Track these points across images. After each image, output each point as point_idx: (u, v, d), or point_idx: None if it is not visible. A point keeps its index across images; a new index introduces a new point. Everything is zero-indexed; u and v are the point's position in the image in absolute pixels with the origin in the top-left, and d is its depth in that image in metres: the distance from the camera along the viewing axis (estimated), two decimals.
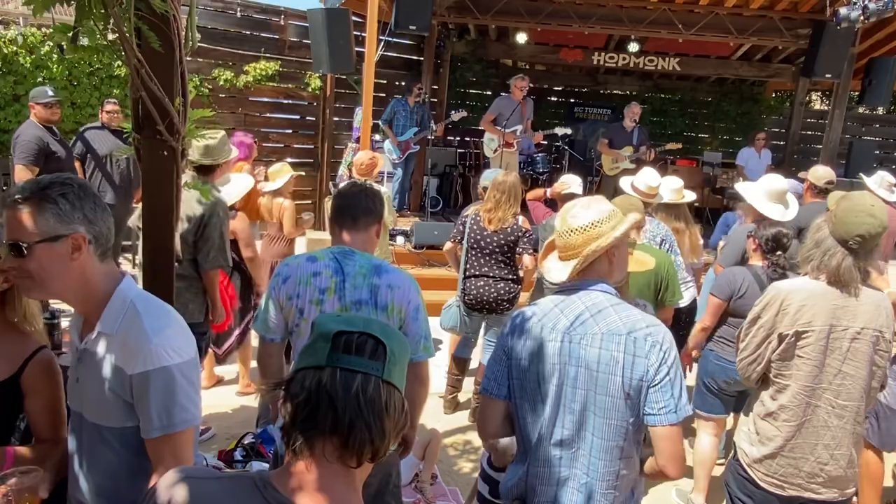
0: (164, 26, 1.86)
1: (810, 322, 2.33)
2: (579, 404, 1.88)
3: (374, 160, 5.15)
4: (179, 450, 1.55)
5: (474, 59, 10.56)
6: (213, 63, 8.46)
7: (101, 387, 1.54)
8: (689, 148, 10.77)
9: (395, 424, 1.05)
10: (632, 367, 1.80)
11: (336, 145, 9.43)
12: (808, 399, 2.36)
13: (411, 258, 7.15)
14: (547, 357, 1.90)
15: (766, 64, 10.57)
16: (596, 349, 1.84)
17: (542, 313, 1.95)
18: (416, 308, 2.28)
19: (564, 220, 1.97)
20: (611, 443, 1.86)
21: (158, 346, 1.51)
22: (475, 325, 4.52)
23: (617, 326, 1.85)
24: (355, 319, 1.08)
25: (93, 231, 1.52)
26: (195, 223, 3.46)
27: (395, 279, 2.25)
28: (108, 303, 1.56)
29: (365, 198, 2.37)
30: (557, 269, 2.00)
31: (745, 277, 3.43)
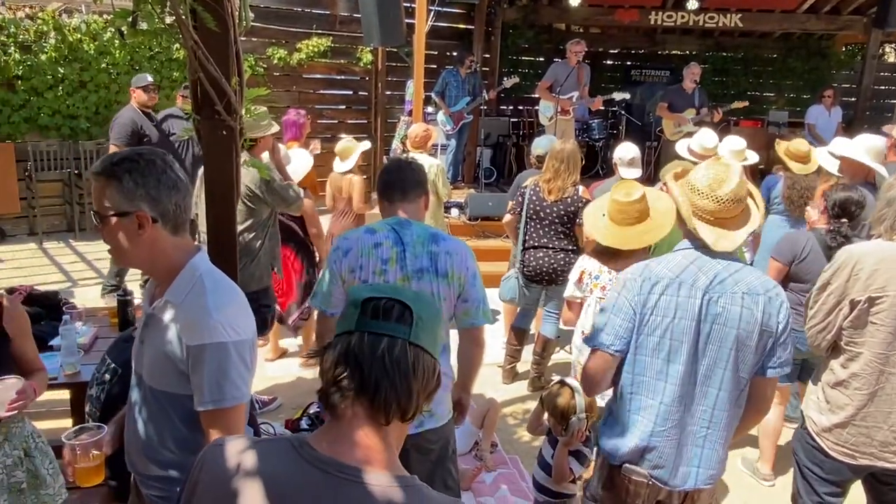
0: (219, 6, 1.89)
1: (884, 287, 2.23)
2: (710, 360, 1.96)
3: (428, 132, 5.14)
4: (229, 426, 1.60)
5: (526, 24, 10.32)
6: (266, 42, 8.56)
7: (161, 351, 1.62)
8: (754, 108, 10.30)
9: (425, 386, 1.07)
10: (767, 324, 1.94)
11: (389, 119, 9.45)
12: (882, 367, 2.28)
13: (466, 230, 7.14)
14: (686, 313, 1.95)
15: (836, 16, 9.97)
16: (738, 307, 1.93)
17: (678, 269, 1.99)
18: (474, 274, 2.32)
19: (721, 185, 1.97)
20: (734, 394, 1.98)
21: (218, 322, 1.56)
22: (534, 296, 4.49)
23: (755, 286, 1.96)
24: (385, 288, 1.11)
25: (158, 209, 1.58)
26: (254, 197, 3.62)
27: (453, 246, 2.30)
28: (179, 274, 1.63)
29: (410, 171, 2.44)
30: (714, 236, 1.98)
31: (809, 240, 3.29)
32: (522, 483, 3.54)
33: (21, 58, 7.18)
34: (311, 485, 1.01)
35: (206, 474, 1.09)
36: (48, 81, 7.36)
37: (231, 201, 2.14)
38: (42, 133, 7.49)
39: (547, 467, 2.85)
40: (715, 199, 1.96)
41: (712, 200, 1.96)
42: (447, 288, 2.26)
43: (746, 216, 2.03)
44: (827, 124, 8.58)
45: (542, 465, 2.89)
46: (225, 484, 1.06)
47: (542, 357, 4.55)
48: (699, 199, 1.99)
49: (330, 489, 1.00)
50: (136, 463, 1.75)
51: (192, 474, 1.13)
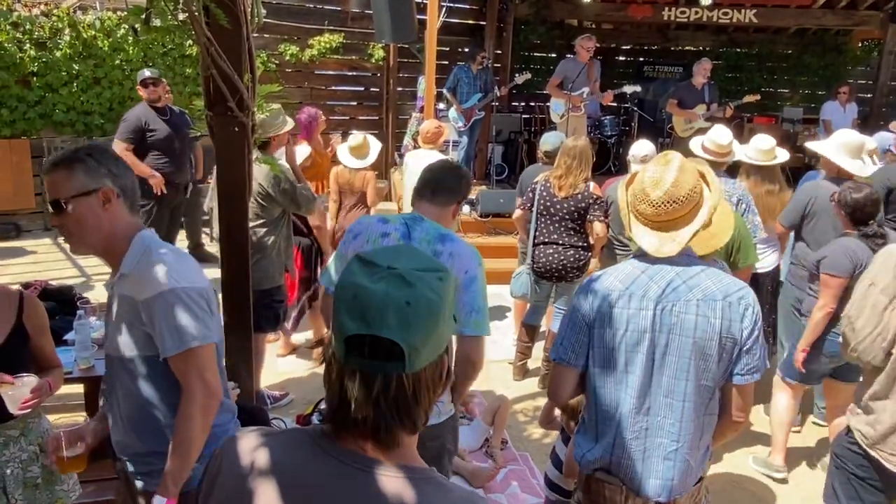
0: (231, 3, 1.90)
1: None
2: (671, 371, 1.87)
3: (440, 129, 5.14)
4: (200, 367, 1.72)
5: (538, 20, 10.29)
6: (278, 38, 8.58)
7: (125, 320, 1.73)
8: (768, 104, 10.21)
9: (434, 395, 1.02)
10: (728, 331, 1.83)
11: (400, 115, 9.45)
12: None
13: (477, 226, 7.13)
14: (637, 326, 1.87)
15: (852, 11, 9.86)
16: (692, 315, 1.84)
17: (627, 280, 1.91)
18: (472, 279, 2.19)
19: (656, 187, 1.85)
20: (701, 406, 1.89)
21: (165, 273, 1.70)
22: (544, 292, 4.49)
23: (712, 292, 1.85)
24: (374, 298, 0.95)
25: (119, 184, 1.73)
26: (266, 195, 3.63)
27: (458, 248, 2.24)
28: (130, 247, 1.75)
29: (449, 175, 2.40)
30: (657, 241, 1.88)
31: (864, 251, 3.13)
32: (533, 480, 3.54)
33: (36, 54, 7.25)
34: (329, 476, 1.01)
35: (225, 465, 1.10)
36: (63, 78, 7.41)
37: (243, 198, 2.15)
38: (57, 129, 7.55)
39: (560, 465, 2.85)
40: (649, 202, 1.86)
41: (648, 204, 1.86)
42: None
43: (695, 213, 1.89)
44: (842, 120, 8.48)
45: (556, 463, 2.88)
46: (244, 475, 1.06)
47: None
48: (639, 203, 1.89)
49: (348, 479, 1.00)
50: (125, 444, 1.83)
51: (211, 466, 1.14)
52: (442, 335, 1.00)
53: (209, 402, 1.76)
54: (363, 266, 0.99)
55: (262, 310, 3.70)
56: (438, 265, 1.03)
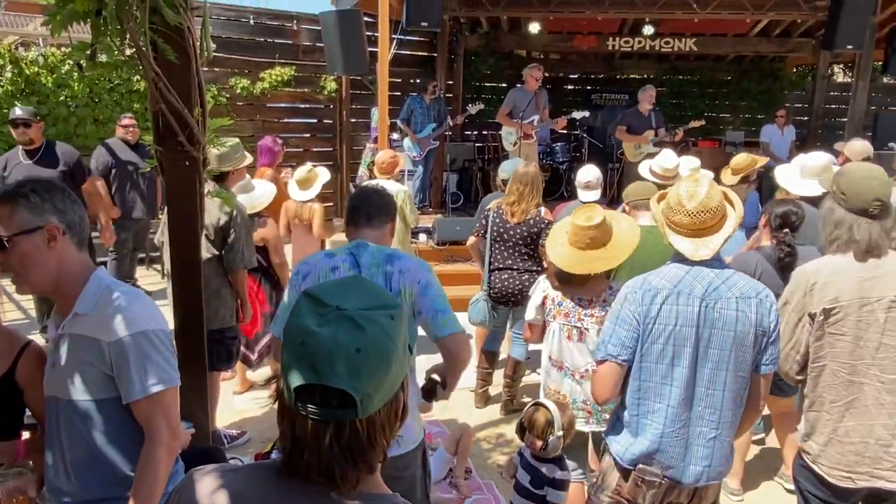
0: (180, 38, 1.89)
1: (837, 298, 2.27)
2: (713, 363, 2.09)
3: (396, 159, 5.17)
4: (166, 409, 1.69)
5: (488, 51, 10.51)
6: (229, 72, 8.55)
7: (79, 362, 1.67)
8: (711, 128, 10.60)
9: (389, 435, 1.00)
10: (760, 324, 2.10)
11: (354, 146, 9.48)
12: (850, 378, 2.27)
13: (435, 255, 7.15)
14: (686, 321, 2.09)
15: (786, 39, 10.36)
16: (733, 311, 2.08)
17: (675, 279, 2.13)
18: (425, 285, 2.23)
19: (691, 199, 2.11)
20: (738, 393, 2.13)
21: (135, 314, 1.67)
22: (502, 318, 4.52)
23: (747, 290, 2.12)
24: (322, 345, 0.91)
25: (65, 220, 1.67)
26: (219, 230, 3.57)
27: (406, 264, 2.29)
28: (85, 286, 1.69)
29: (377, 197, 2.45)
30: (692, 247, 2.13)
31: (758, 261, 3.35)
32: None
33: None
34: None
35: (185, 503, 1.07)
36: (4, 115, 7.21)
37: (195, 233, 2.12)
38: None
39: (525, 492, 2.84)
40: (686, 212, 2.10)
41: (684, 214, 2.11)
42: (405, 306, 2.25)
43: (723, 223, 2.16)
44: (781, 143, 8.86)
45: (520, 491, 2.87)
46: None
47: (513, 379, 4.55)
48: (673, 214, 2.14)
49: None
50: (67, 492, 1.75)
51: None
52: (395, 376, 0.97)
53: (173, 444, 1.73)
54: (311, 305, 0.96)
55: (215, 347, 3.62)
56: (389, 301, 1.00)
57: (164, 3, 1.78)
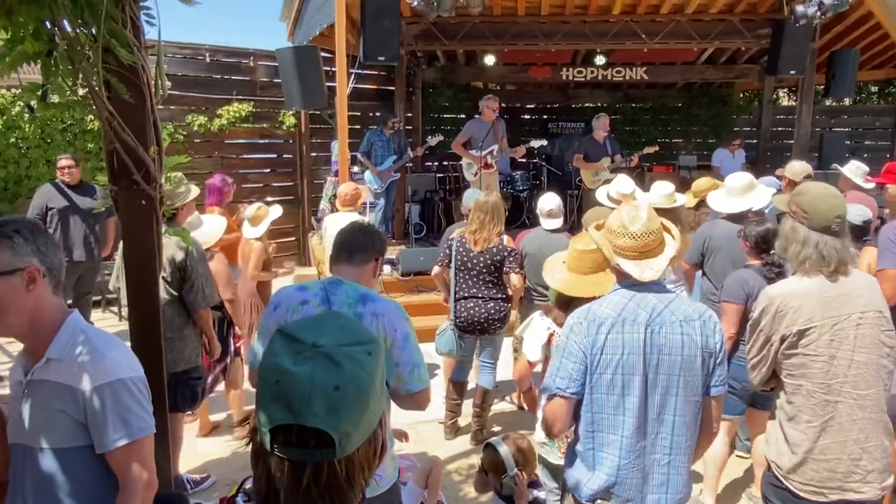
0: (134, 77, 1.87)
1: (810, 319, 2.30)
2: (662, 389, 2.06)
3: (358, 191, 5.17)
4: (142, 458, 1.65)
5: (445, 84, 10.67)
6: (185, 109, 8.48)
7: (51, 410, 1.61)
8: (665, 154, 10.88)
9: (367, 480, 0.98)
10: (706, 346, 2.08)
11: (315, 180, 9.47)
12: (826, 396, 2.29)
13: (400, 286, 7.13)
14: (633, 349, 2.05)
15: (732, 66, 10.76)
16: (678, 335, 2.06)
17: (618, 307, 2.09)
18: (405, 336, 2.22)
19: (634, 223, 2.12)
20: (690, 418, 2.10)
21: (112, 361, 1.62)
22: (469, 347, 4.51)
23: (689, 313, 2.10)
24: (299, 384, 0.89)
25: (46, 263, 1.62)
26: (176, 269, 3.50)
27: (380, 307, 2.23)
28: (59, 331, 1.64)
29: (362, 235, 2.41)
30: (638, 269, 2.12)
31: (754, 279, 3.40)
32: None
33: None
34: None
35: None
36: None
37: (153, 273, 2.08)
38: None
39: None
40: (630, 235, 2.11)
41: (629, 237, 2.11)
42: None
43: (664, 247, 2.18)
44: (732, 166, 9.13)
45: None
46: None
47: (482, 409, 4.53)
48: (617, 238, 2.13)
49: None
50: None
51: None
52: (374, 413, 0.95)
53: (148, 493, 1.67)
54: (286, 343, 0.93)
55: (179, 388, 3.53)
56: (366, 336, 0.98)
57: (118, 42, 1.76)
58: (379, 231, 2.53)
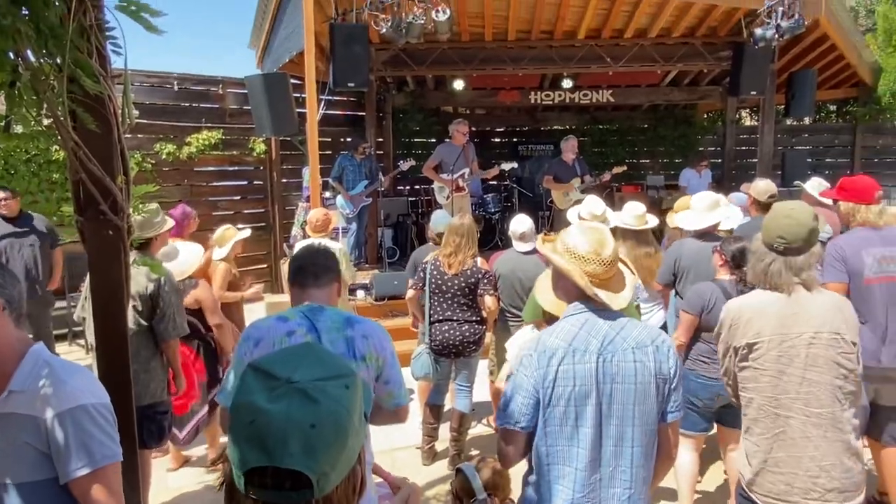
0: (100, 107, 1.85)
1: (759, 332, 2.36)
2: (618, 419, 1.97)
3: (328, 216, 5.16)
4: (110, 486, 1.60)
5: (415, 108, 10.75)
6: (154, 137, 8.41)
7: (16, 442, 1.57)
8: (633, 174, 11.07)
9: None
10: (660, 372, 2.01)
11: (287, 206, 9.42)
12: (775, 410, 2.34)
13: (374, 311, 7.09)
14: (585, 380, 1.97)
15: (695, 87, 11.02)
16: (631, 362, 1.98)
17: (568, 337, 2.01)
18: (392, 354, 2.29)
19: (604, 248, 2.04)
20: (648, 448, 2.02)
21: (74, 388, 1.59)
22: (445, 370, 4.49)
23: (642, 338, 2.02)
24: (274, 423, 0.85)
25: (4, 295, 1.60)
26: (147, 299, 3.44)
27: (368, 329, 2.26)
28: (21, 363, 1.61)
29: (323, 256, 2.40)
30: (606, 297, 2.03)
31: (713, 292, 3.49)
32: None
33: None
34: None
35: None
36: None
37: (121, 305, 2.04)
38: None
39: None
40: (601, 262, 2.02)
41: (599, 264, 2.02)
42: (366, 371, 2.20)
43: (621, 274, 2.14)
44: (699, 185, 9.31)
45: None
46: None
47: (459, 433, 4.50)
48: (587, 265, 2.02)
49: None
50: None
51: None
52: (352, 449, 0.92)
53: None
54: (260, 379, 0.90)
55: (145, 423, 3.44)
56: (343, 368, 0.95)
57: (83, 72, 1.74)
58: (332, 251, 2.53)
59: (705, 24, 8.74)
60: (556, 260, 2.09)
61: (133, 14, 1.79)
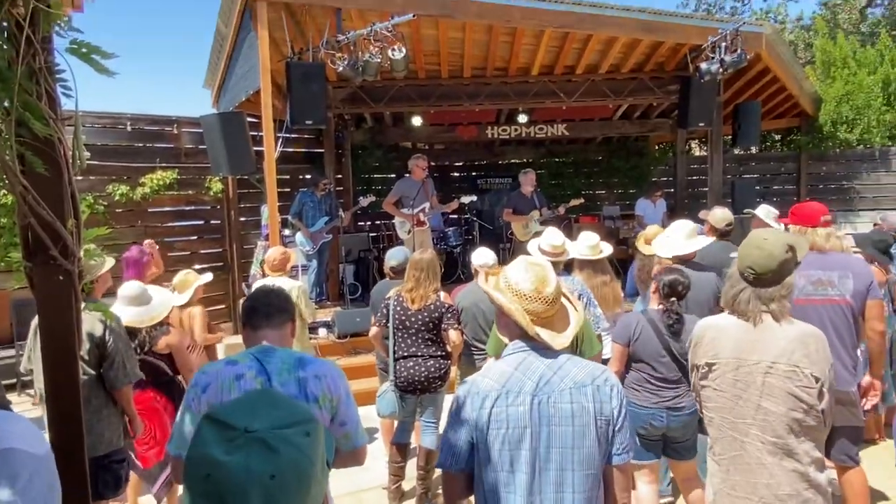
0: (50, 150, 1.81)
1: (717, 354, 2.41)
2: (555, 464, 1.88)
3: (286, 255, 5.10)
4: None
5: (374, 144, 10.81)
6: (106, 179, 8.24)
7: None
8: (590, 205, 11.28)
9: None
10: (601, 413, 1.90)
11: (245, 245, 9.30)
12: (732, 433, 2.37)
13: (336, 349, 7.00)
14: (519, 423, 1.88)
15: (646, 120, 11.36)
16: (568, 404, 1.89)
17: (502, 379, 1.93)
18: (347, 394, 2.25)
19: (546, 285, 1.98)
20: (590, 493, 1.90)
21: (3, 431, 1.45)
22: (410, 407, 4.43)
23: (581, 378, 1.93)
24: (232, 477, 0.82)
25: None
26: (95, 346, 3.33)
27: (321, 368, 2.22)
28: None
29: (275, 296, 2.38)
30: (549, 336, 1.97)
31: (639, 322, 3.55)
32: None
33: None
34: None
35: None
36: None
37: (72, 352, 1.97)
38: None
39: None
40: (542, 300, 1.97)
41: (541, 302, 1.96)
42: (319, 413, 2.16)
43: (564, 311, 2.07)
44: (654, 214, 9.54)
45: None
46: None
47: (426, 471, 4.43)
48: (528, 303, 1.97)
49: None
50: None
51: None
52: (315, 498, 0.88)
53: None
54: (216, 430, 0.86)
55: (100, 473, 3.31)
56: (303, 414, 0.91)
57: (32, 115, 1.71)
58: (286, 291, 2.51)
59: (653, 59, 9.04)
60: (497, 298, 2.02)
61: (84, 56, 1.76)
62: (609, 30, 7.66)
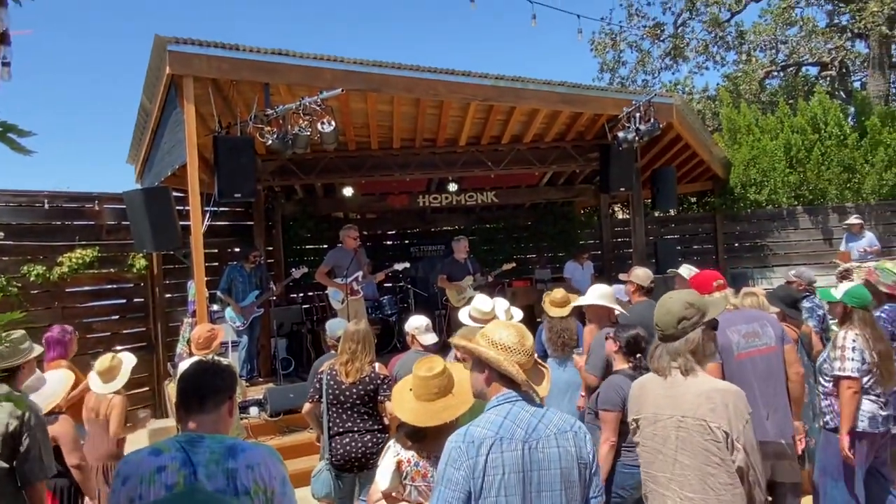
0: None
1: (640, 410, 2.52)
2: None
3: (213, 332, 4.92)
4: None
5: (306, 216, 10.75)
6: (21, 259, 7.85)
7: None
8: (522, 269, 11.48)
9: None
10: (580, 456, 2.11)
11: (171, 323, 8.96)
12: (655, 486, 2.44)
13: (269, 428, 6.72)
14: (514, 467, 2.02)
15: (570, 186, 11.79)
16: (554, 448, 2.07)
17: (494, 427, 2.08)
18: (283, 481, 2.13)
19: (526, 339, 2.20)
20: None
21: None
22: (348, 486, 4.26)
23: (561, 424, 2.13)
24: None
25: None
26: (9, 438, 3.07)
27: (252, 456, 2.09)
28: None
29: (211, 376, 2.23)
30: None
31: (626, 384, 3.45)
32: None
33: None
34: None
35: None
36: None
37: None
38: None
39: None
40: (525, 352, 2.17)
41: (524, 354, 2.16)
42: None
43: (538, 365, 2.27)
44: (582, 277, 9.81)
45: None
46: None
47: None
48: (514, 355, 2.16)
49: None
50: None
51: None
52: None
53: None
54: None
55: None
56: None
57: None
58: (225, 365, 2.38)
59: (573, 129, 9.48)
60: (485, 352, 2.18)
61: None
62: (530, 102, 7.99)
